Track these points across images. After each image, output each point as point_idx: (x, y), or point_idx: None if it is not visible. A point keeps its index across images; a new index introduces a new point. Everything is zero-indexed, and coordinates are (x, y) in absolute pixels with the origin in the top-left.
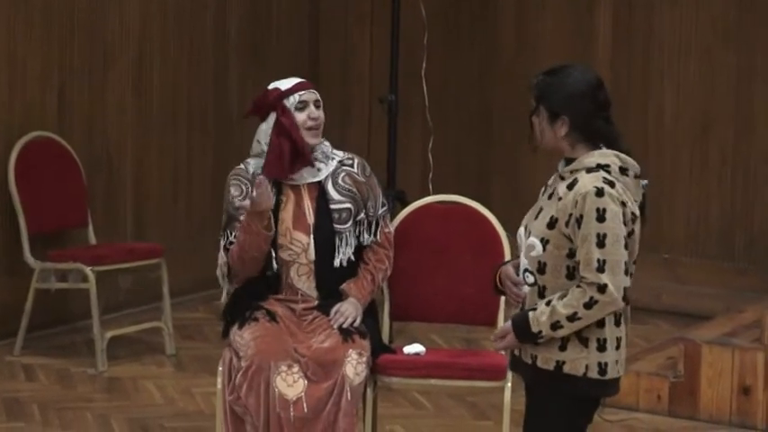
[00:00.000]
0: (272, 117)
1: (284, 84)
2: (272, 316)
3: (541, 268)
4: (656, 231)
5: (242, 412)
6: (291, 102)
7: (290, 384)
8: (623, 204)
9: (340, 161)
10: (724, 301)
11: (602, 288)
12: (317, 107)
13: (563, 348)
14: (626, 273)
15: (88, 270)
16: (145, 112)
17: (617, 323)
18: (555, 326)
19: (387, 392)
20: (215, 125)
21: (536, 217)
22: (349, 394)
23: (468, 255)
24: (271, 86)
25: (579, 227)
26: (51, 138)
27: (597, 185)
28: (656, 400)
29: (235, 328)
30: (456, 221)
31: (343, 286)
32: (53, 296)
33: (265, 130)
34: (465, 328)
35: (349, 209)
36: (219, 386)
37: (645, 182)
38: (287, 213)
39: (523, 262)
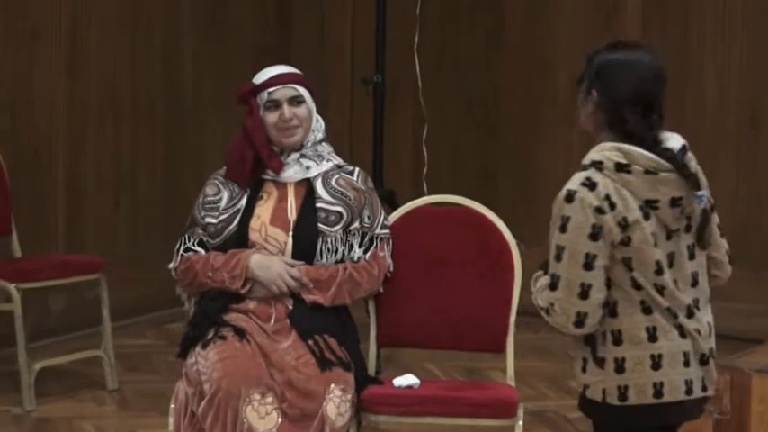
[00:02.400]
0: None
1: (263, 74)
2: (240, 333)
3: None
4: None
5: None
6: (262, 98)
7: (262, 416)
8: (599, 211)
9: (338, 165)
10: None
11: (552, 306)
12: (296, 104)
13: (584, 370)
14: (584, 296)
15: (12, 288)
16: (79, 99)
17: (651, 338)
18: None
19: None
20: (165, 114)
21: None
22: None
23: (469, 267)
24: (258, 75)
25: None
26: None
27: (570, 188)
28: None
29: (197, 349)
30: (455, 227)
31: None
32: None
33: None
34: (466, 355)
35: (339, 213)
36: (172, 427)
37: (701, 193)
38: (265, 209)
39: None
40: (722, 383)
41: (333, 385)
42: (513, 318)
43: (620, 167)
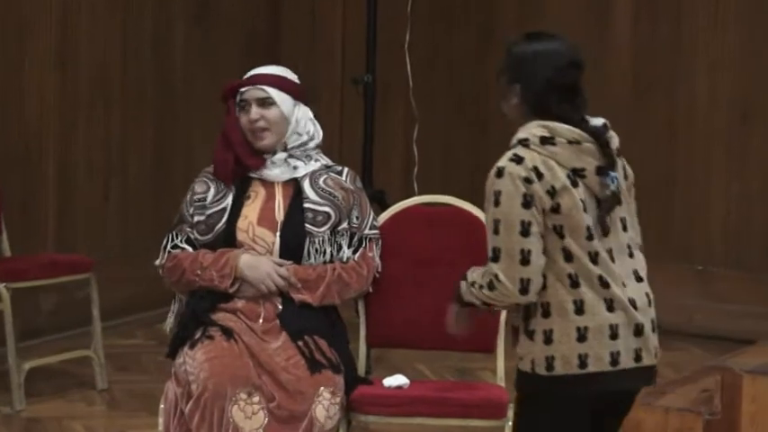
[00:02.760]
0: None
1: (249, 73)
2: (228, 333)
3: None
4: (687, 239)
5: None
6: (237, 100)
7: (248, 416)
8: (528, 181)
9: (326, 166)
10: None
11: (496, 277)
12: (264, 105)
13: (518, 343)
14: (525, 262)
15: (2, 287)
16: (70, 91)
17: (578, 311)
18: (472, 284)
19: None
20: (155, 106)
21: None
22: None
23: (460, 267)
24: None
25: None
26: None
27: (499, 165)
28: None
29: (185, 349)
30: (446, 227)
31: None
32: None
33: None
34: (457, 355)
35: (327, 213)
36: (161, 427)
37: (614, 174)
38: (252, 209)
39: None
40: (713, 384)
41: (322, 388)
42: (503, 318)
43: (545, 140)
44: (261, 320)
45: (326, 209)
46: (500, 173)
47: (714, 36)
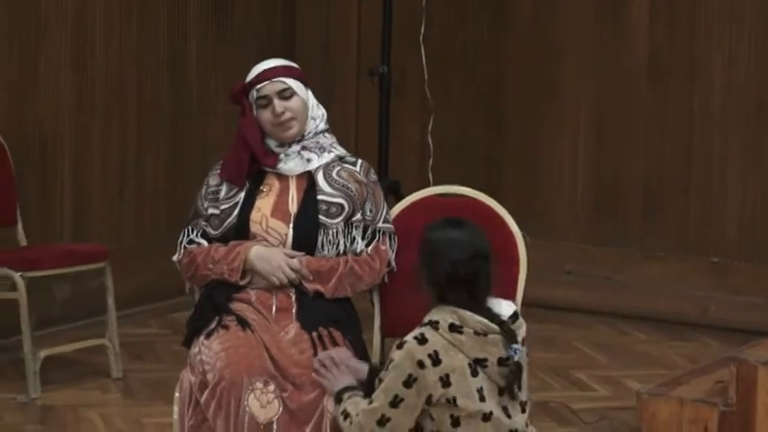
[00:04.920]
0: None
1: (254, 71)
2: (244, 324)
3: None
4: (703, 231)
5: None
6: (253, 97)
7: (264, 405)
8: (420, 365)
9: (340, 157)
10: None
11: (356, 414)
12: (286, 97)
13: None
14: (381, 424)
15: (17, 276)
16: (85, 90)
17: None
18: (345, 413)
19: None
20: (170, 105)
21: None
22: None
23: None
24: (249, 74)
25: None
26: None
27: (405, 338)
28: None
29: (201, 338)
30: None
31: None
32: None
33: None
34: None
35: (341, 205)
36: (176, 416)
37: (516, 346)
38: (266, 201)
39: None
40: (729, 375)
41: None
42: (518, 308)
43: (454, 328)
44: (273, 311)
45: (340, 200)
46: (400, 345)
47: (730, 26)
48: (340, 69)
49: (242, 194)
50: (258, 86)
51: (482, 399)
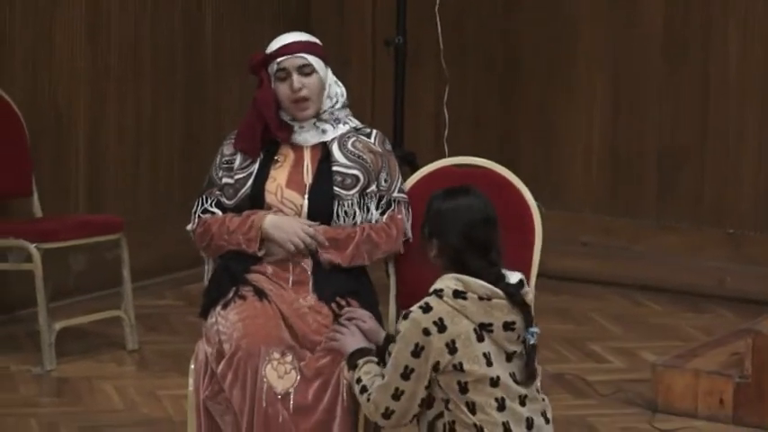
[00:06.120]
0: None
1: (275, 43)
2: (261, 294)
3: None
4: (718, 202)
5: (221, 411)
6: (272, 70)
7: (281, 376)
8: (426, 332)
9: (355, 128)
10: None
11: (369, 393)
12: (306, 74)
13: None
14: (396, 398)
15: (32, 248)
16: (101, 60)
17: None
18: (360, 384)
19: None
20: (185, 75)
21: None
22: (345, 401)
23: None
24: (270, 44)
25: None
26: None
27: (411, 308)
28: (717, 404)
29: (218, 309)
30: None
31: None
32: None
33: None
34: None
35: (356, 176)
36: (191, 387)
37: (534, 329)
38: (281, 172)
39: None
40: (744, 347)
41: None
42: (533, 280)
43: (458, 294)
44: (290, 284)
45: (355, 171)
46: (406, 316)
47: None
48: (355, 39)
49: (256, 165)
50: (279, 60)
51: (489, 363)
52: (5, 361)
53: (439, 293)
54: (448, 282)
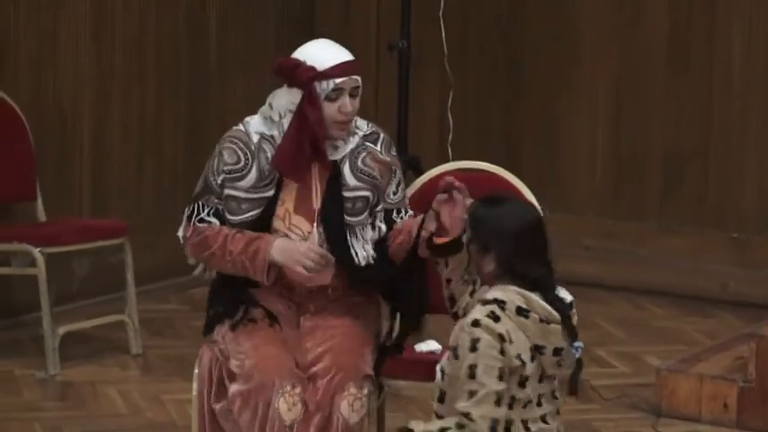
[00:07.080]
0: (298, 93)
1: (321, 56)
2: (272, 318)
3: (441, 397)
4: (722, 206)
5: (225, 413)
6: (324, 87)
7: (290, 408)
8: (501, 338)
9: (363, 136)
10: None
11: (467, 416)
12: (354, 96)
13: None
14: (498, 404)
15: (36, 252)
16: (105, 59)
17: None
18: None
19: (396, 400)
20: (189, 74)
21: None
22: None
23: None
24: (302, 52)
25: (456, 357)
26: None
27: (477, 317)
28: (721, 409)
29: (224, 329)
30: (480, 193)
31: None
32: None
33: (288, 100)
34: None
35: (366, 198)
36: (195, 392)
37: (578, 344)
38: (288, 192)
39: None
40: (748, 351)
41: (350, 383)
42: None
43: (521, 311)
44: (310, 314)
45: (365, 193)
46: (477, 323)
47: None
48: (359, 43)
49: (273, 190)
50: (338, 80)
51: (522, 386)
52: (9, 365)
53: (502, 305)
54: (511, 295)
